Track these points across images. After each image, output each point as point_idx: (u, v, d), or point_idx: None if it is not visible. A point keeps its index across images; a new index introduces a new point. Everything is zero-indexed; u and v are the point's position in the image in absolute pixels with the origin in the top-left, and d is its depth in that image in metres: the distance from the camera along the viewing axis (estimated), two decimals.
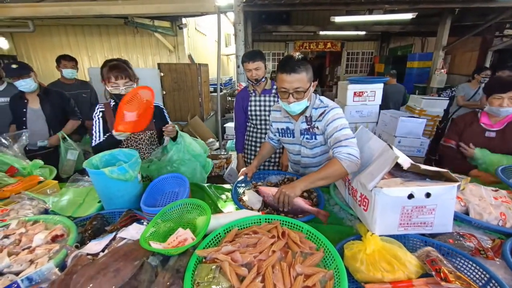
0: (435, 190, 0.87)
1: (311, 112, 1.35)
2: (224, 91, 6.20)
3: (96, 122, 1.56)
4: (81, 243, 0.94)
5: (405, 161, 0.93)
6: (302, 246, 0.81)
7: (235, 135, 2.30)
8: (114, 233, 0.95)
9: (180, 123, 4.34)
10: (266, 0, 4.26)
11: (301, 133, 1.42)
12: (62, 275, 0.73)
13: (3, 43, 5.33)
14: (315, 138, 1.39)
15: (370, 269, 0.76)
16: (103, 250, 0.87)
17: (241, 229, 0.93)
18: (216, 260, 0.75)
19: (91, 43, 5.66)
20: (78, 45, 5.63)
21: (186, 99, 4.67)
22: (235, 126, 2.31)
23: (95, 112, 1.58)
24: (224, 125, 5.08)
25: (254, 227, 0.91)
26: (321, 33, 8.03)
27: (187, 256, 0.79)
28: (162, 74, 4.45)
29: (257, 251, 0.78)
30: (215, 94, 4.43)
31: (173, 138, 1.59)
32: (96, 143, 1.53)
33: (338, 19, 5.70)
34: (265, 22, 7.07)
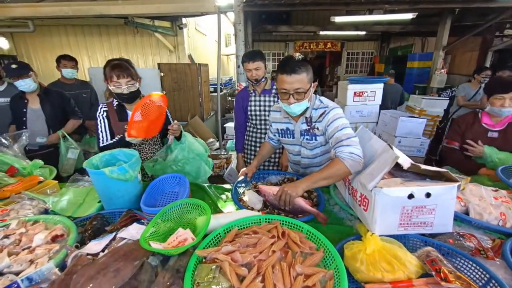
0: (435, 190, 0.87)
1: (311, 113, 1.34)
2: (224, 91, 6.21)
3: (101, 122, 1.55)
4: (81, 243, 0.94)
5: (405, 161, 0.93)
6: (302, 246, 0.81)
7: (235, 135, 2.31)
8: (114, 233, 0.95)
9: (180, 123, 4.33)
10: (266, 0, 4.26)
11: (301, 134, 1.42)
12: (62, 275, 0.73)
13: (3, 43, 5.33)
14: (315, 139, 1.38)
15: (370, 269, 0.76)
16: (103, 250, 0.87)
17: (241, 229, 0.93)
18: (216, 260, 0.75)
19: (91, 43, 5.67)
20: (78, 45, 5.64)
21: (186, 99, 4.67)
22: (235, 126, 2.31)
23: (99, 112, 1.56)
24: (224, 125, 5.08)
25: (254, 227, 0.91)
26: (321, 33, 8.03)
27: (187, 256, 0.79)
28: (162, 74, 4.45)
29: (257, 251, 0.78)
30: (215, 94, 4.43)
31: (177, 138, 1.58)
32: (105, 145, 1.51)
33: (338, 19, 5.71)
34: (265, 22, 7.07)
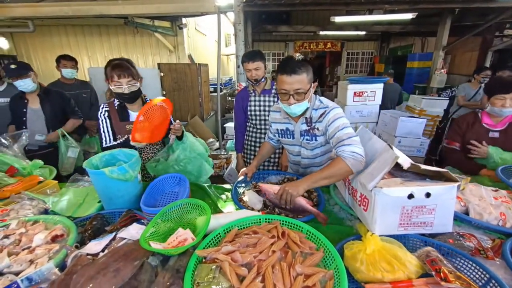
0: (435, 190, 0.87)
1: (311, 113, 1.34)
2: (224, 91, 6.20)
3: (103, 122, 1.54)
4: (81, 243, 0.94)
5: (405, 161, 0.93)
6: (302, 246, 0.81)
7: (235, 135, 2.31)
8: (114, 233, 0.95)
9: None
10: (266, 0, 4.25)
11: (301, 135, 1.41)
12: (62, 275, 0.73)
13: (3, 43, 5.32)
14: (316, 139, 1.38)
15: (370, 269, 0.76)
16: (103, 250, 0.87)
17: (241, 229, 0.93)
18: (216, 260, 0.75)
19: (91, 43, 5.66)
20: (78, 45, 5.63)
21: (186, 99, 4.66)
22: (235, 126, 2.31)
23: (100, 112, 1.55)
24: (224, 125, 5.08)
25: (254, 227, 0.91)
26: (321, 33, 8.03)
27: (187, 256, 0.79)
28: (162, 74, 4.45)
29: (257, 251, 0.78)
30: (215, 94, 4.43)
31: (179, 137, 1.58)
32: (108, 146, 1.50)
33: (338, 19, 5.70)
34: (265, 22, 7.06)
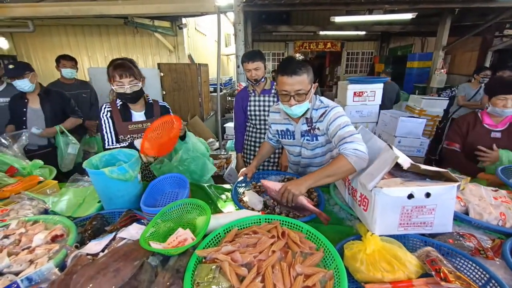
0: (435, 190, 0.87)
1: (312, 114, 1.34)
2: (224, 91, 6.21)
3: (106, 123, 1.52)
4: (81, 243, 0.94)
5: (405, 161, 0.93)
6: (302, 246, 0.81)
7: (235, 135, 2.31)
8: (114, 233, 0.95)
9: None
10: (266, 0, 4.25)
11: (302, 135, 1.41)
12: (62, 275, 0.73)
13: (3, 43, 5.32)
14: (316, 139, 1.38)
15: (370, 269, 0.76)
16: (103, 250, 0.87)
17: (241, 229, 0.93)
18: (216, 260, 0.75)
19: (91, 43, 5.66)
20: (78, 45, 5.63)
21: (186, 99, 4.67)
22: (235, 126, 2.31)
23: (102, 112, 1.53)
24: (224, 125, 5.08)
25: (254, 227, 0.91)
26: (321, 33, 8.02)
27: (187, 256, 0.79)
28: (162, 74, 4.45)
29: (257, 251, 0.78)
30: (215, 94, 4.43)
31: (181, 137, 1.58)
32: (110, 147, 1.49)
33: (338, 19, 5.70)
34: (265, 22, 7.06)
